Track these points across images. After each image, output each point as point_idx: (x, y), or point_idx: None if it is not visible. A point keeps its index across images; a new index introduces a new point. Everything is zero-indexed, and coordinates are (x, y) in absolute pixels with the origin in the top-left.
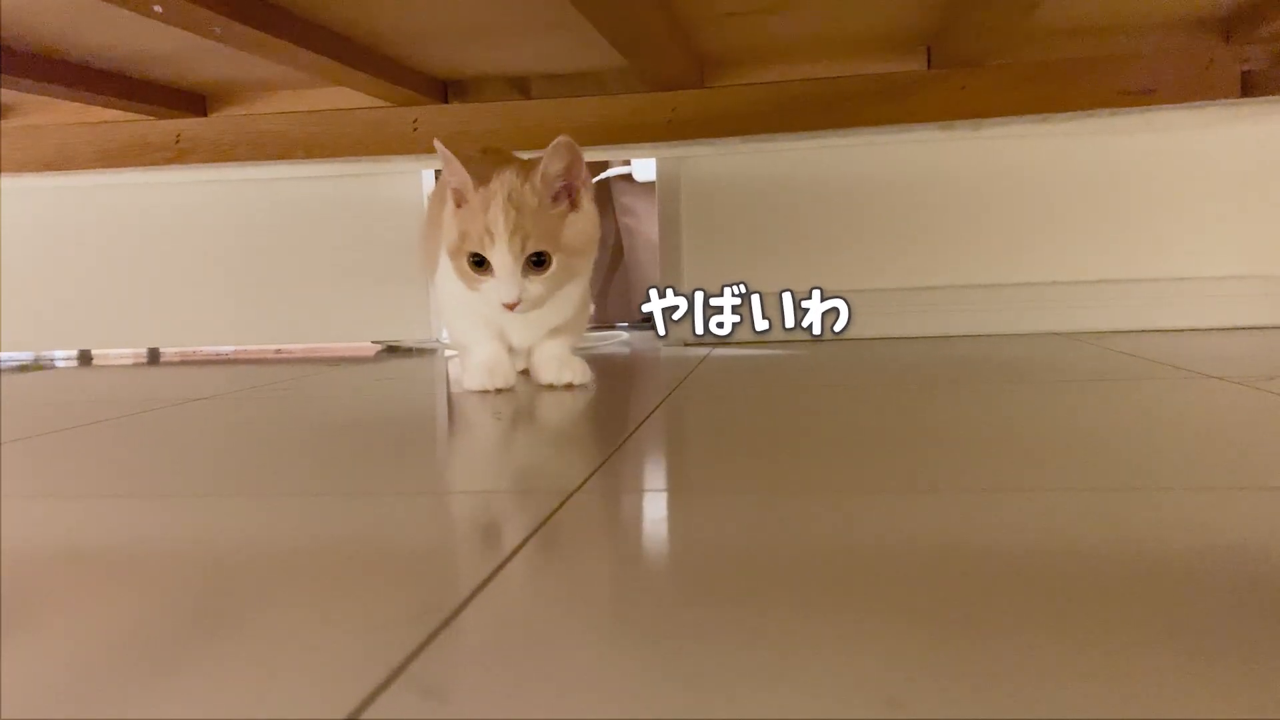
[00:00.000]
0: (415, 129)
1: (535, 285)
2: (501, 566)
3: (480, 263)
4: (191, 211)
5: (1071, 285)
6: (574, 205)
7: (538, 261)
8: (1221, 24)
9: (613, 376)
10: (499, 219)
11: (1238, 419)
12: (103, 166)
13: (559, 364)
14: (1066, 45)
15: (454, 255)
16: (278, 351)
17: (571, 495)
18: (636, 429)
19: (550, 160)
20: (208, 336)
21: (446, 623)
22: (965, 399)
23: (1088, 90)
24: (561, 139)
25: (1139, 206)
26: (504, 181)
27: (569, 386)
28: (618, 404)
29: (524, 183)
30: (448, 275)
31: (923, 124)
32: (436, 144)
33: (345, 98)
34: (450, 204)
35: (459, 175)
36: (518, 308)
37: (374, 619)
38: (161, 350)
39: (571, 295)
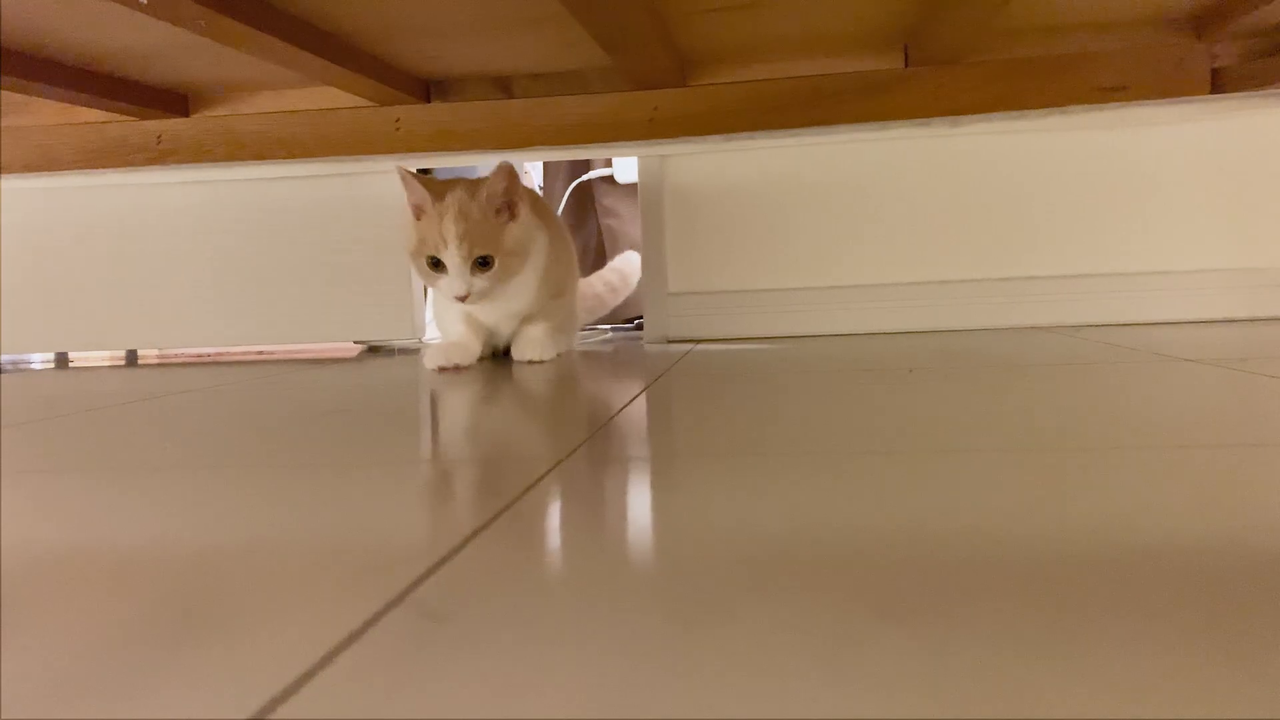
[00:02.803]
0: (398, 128)
1: (480, 281)
2: (487, 524)
3: (436, 264)
4: (173, 212)
5: (1049, 280)
6: (513, 217)
7: (483, 262)
8: (1192, 22)
9: (599, 368)
10: (451, 228)
11: (1216, 393)
12: (84, 167)
13: (527, 342)
14: (1041, 43)
15: (414, 257)
16: (259, 353)
17: (560, 462)
18: (623, 409)
19: (494, 181)
20: (189, 338)
21: (443, 560)
22: (945, 385)
23: (1062, 87)
24: (502, 164)
25: (1114, 201)
26: (455, 197)
27: (535, 362)
28: (604, 388)
29: (471, 199)
30: None
31: (901, 121)
32: (398, 169)
33: (327, 98)
34: (410, 215)
35: (418, 193)
36: (469, 300)
37: (368, 560)
38: (141, 352)
39: (529, 283)
